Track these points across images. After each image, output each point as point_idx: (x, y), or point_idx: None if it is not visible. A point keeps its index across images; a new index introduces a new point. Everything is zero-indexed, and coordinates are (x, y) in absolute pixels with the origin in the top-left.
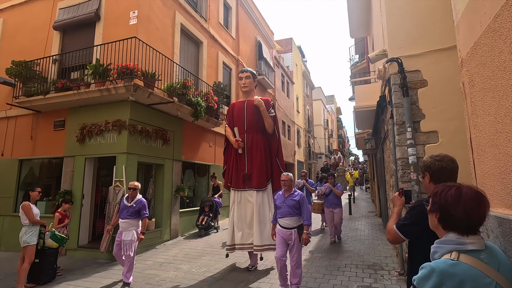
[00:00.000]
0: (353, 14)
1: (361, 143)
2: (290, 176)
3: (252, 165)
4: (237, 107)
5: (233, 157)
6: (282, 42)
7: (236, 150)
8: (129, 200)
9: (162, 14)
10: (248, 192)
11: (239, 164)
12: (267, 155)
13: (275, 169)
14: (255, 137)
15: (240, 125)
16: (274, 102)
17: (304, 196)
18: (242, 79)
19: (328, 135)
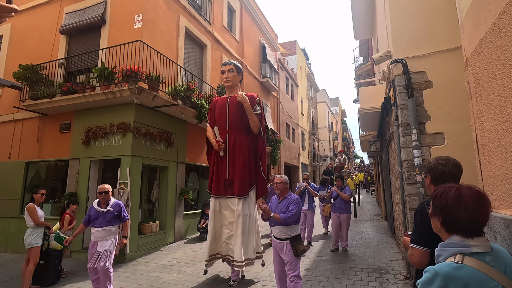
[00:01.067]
0: (357, 16)
1: (366, 145)
2: (284, 178)
3: (234, 169)
4: (219, 104)
5: (214, 160)
6: (286, 44)
7: (217, 153)
8: (102, 205)
9: (166, 18)
10: (229, 200)
11: (220, 168)
12: (251, 158)
13: (259, 174)
14: (238, 137)
15: (222, 124)
16: (279, 104)
17: (297, 199)
18: (224, 72)
19: (333, 137)
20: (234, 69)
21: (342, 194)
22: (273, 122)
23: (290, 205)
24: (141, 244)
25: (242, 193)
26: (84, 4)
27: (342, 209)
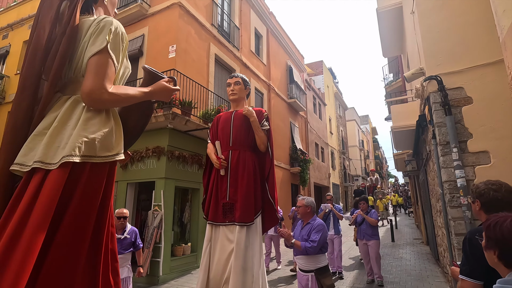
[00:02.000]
0: (385, 34)
1: (400, 164)
2: (305, 201)
3: (236, 191)
4: (222, 118)
5: (213, 180)
6: (312, 65)
7: (217, 172)
8: (119, 231)
9: (198, 47)
10: (228, 227)
11: (220, 189)
12: (257, 179)
13: (266, 198)
14: (242, 154)
15: (225, 139)
16: (307, 123)
17: (320, 225)
18: (230, 85)
19: (364, 156)
20: (241, 81)
21: (368, 219)
22: (301, 142)
23: (312, 233)
24: (174, 266)
25: (245, 220)
26: None
27: (370, 235)
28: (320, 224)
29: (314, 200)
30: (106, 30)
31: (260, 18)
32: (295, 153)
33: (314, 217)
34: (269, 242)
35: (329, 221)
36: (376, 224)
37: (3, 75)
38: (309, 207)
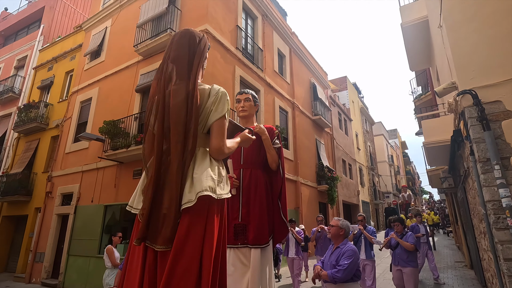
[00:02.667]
0: (411, 48)
1: (435, 181)
2: (342, 222)
3: (248, 211)
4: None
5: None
6: (336, 81)
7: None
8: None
9: (223, 70)
10: (240, 250)
11: (231, 210)
12: (269, 198)
13: (277, 217)
14: (254, 173)
15: (236, 158)
16: (333, 140)
17: (351, 250)
18: (240, 101)
19: (395, 172)
20: (251, 98)
21: (403, 243)
22: (328, 159)
23: (341, 258)
24: None
25: (260, 241)
26: (155, 66)
27: (405, 261)
28: (350, 249)
29: (349, 225)
30: (224, 100)
31: (283, 38)
32: (321, 171)
33: (345, 241)
34: (292, 265)
35: (360, 243)
36: (413, 249)
37: (48, 104)
38: (343, 229)
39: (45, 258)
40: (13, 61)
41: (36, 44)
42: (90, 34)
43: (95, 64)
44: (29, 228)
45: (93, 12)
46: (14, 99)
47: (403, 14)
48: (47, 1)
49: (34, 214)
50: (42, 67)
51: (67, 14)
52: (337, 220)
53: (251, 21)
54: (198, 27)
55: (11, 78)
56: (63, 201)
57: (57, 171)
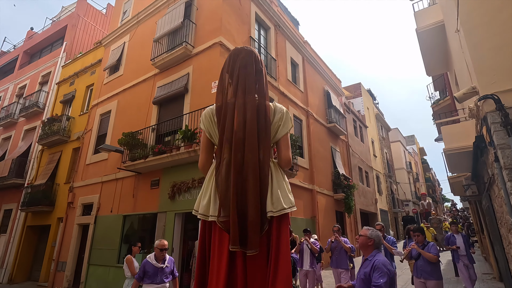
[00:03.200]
0: (427, 53)
1: (457, 188)
2: (372, 232)
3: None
4: None
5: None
6: (350, 88)
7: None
8: (159, 261)
9: None
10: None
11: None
12: None
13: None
14: None
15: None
16: (348, 147)
17: (383, 263)
18: None
19: (413, 179)
20: None
21: (425, 254)
22: (344, 167)
23: (374, 274)
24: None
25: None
26: (171, 78)
27: (428, 274)
28: (382, 263)
29: (380, 235)
30: (288, 117)
31: (296, 47)
32: (338, 179)
33: (375, 253)
34: (305, 279)
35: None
36: (436, 260)
37: (70, 117)
38: (372, 239)
39: (67, 267)
40: (38, 77)
41: (59, 60)
42: (109, 49)
43: (114, 78)
44: (52, 238)
45: (112, 29)
46: (39, 113)
47: (418, 19)
48: (69, 20)
49: (56, 224)
50: (64, 82)
51: (87, 31)
52: (366, 229)
53: (264, 32)
54: (213, 40)
55: (36, 94)
56: (84, 211)
57: (78, 182)
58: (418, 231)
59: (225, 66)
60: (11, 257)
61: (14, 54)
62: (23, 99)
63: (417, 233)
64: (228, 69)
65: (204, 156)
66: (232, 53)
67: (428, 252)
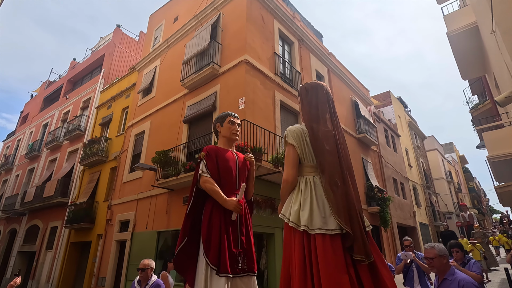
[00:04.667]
0: (461, 56)
1: (507, 198)
2: (439, 248)
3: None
4: (224, 156)
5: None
6: (379, 96)
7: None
8: (142, 283)
9: (263, 96)
10: (242, 279)
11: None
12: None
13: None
14: (245, 201)
15: (230, 181)
16: (381, 158)
17: (468, 280)
18: (234, 124)
19: (455, 189)
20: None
21: (468, 272)
22: (377, 179)
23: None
24: None
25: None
26: (200, 97)
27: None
28: (467, 281)
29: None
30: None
31: (320, 60)
32: (371, 191)
33: (452, 270)
34: None
35: (412, 274)
36: (480, 281)
37: (107, 138)
38: (444, 256)
39: (106, 282)
40: (79, 103)
41: (98, 86)
42: (142, 73)
43: (147, 100)
44: (93, 254)
45: (145, 54)
46: (80, 136)
47: (448, 22)
48: (106, 49)
49: (96, 240)
50: (102, 106)
51: (122, 58)
52: (431, 248)
53: (287, 47)
54: (238, 58)
55: (78, 118)
56: (121, 227)
57: (116, 200)
58: (456, 246)
59: (313, 97)
60: (56, 272)
61: (59, 83)
62: (67, 123)
63: (455, 249)
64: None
65: (293, 171)
66: (315, 86)
67: (470, 270)
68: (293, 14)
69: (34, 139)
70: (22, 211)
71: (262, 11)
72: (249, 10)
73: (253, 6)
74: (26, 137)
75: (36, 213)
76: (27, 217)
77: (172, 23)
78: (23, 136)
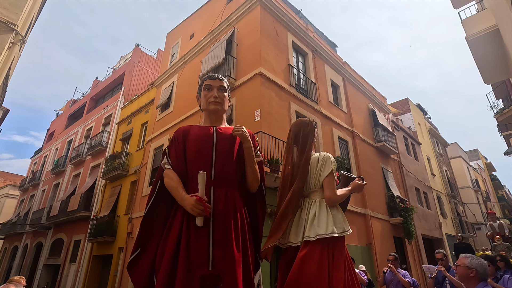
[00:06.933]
0: (482, 60)
1: None
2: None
3: (225, 253)
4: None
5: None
6: (397, 104)
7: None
8: None
9: (279, 107)
10: None
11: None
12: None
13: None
14: (231, 196)
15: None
16: (401, 167)
17: None
18: (211, 89)
19: (483, 198)
20: (227, 89)
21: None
22: (398, 188)
23: None
24: None
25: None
26: None
27: None
28: None
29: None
30: (329, 161)
31: (335, 69)
32: (392, 201)
33: (481, 286)
34: None
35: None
36: None
37: (128, 153)
38: (473, 270)
39: None
40: (101, 119)
41: (118, 103)
42: (161, 89)
43: (165, 115)
44: (114, 267)
45: (162, 70)
46: (102, 151)
47: (467, 27)
48: (126, 67)
49: (117, 253)
50: (123, 122)
51: (142, 75)
52: (465, 257)
53: (301, 58)
54: (253, 71)
55: (100, 134)
56: None
57: (136, 213)
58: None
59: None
60: (79, 285)
61: (82, 101)
62: (90, 139)
63: (500, 260)
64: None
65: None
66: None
67: (506, 287)
68: (306, 26)
69: (59, 155)
70: (48, 225)
71: (276, 24)
72: (263, 24)
73: (267, 20)
74: (52, 154)
75: (61, 227)
76: (52, 230)
77: (188, 40)
78: (49, 152)
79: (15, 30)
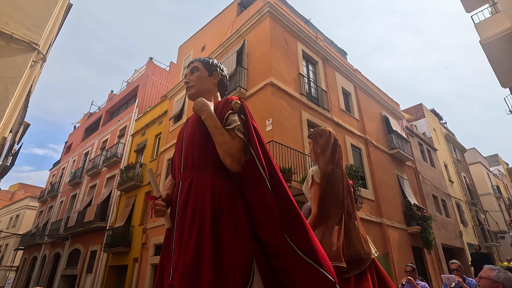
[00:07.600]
0: (498, 63)
1: None
2: (498, 274)
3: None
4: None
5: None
6: (410, 110)
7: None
8: None
9: (290, 116)
10: None
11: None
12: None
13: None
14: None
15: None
16: (417, 174)
17: None
18: (186, 77)
19: (506, 205)
20: (200, 66)
21: None
22: (415, 196)
23: None
24: None
25: None
26: None
27: None
28: None
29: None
30: (309, 176)
31: (346, 77)
32: (409, 210)
33: None
34: None
35: None
36: None
37: (142, 164)
38: (499, 284)
39: None
40: (116, 131)
41: (133, 115)
42: (173, 101)
43: (178, 126)
44: (129, 277)
45: (175, 82)
46: (117, 163)
47: (480, 31)
48: (140, 80)
49: (132, 264)
50: (137, 133)
51: (155, 87)
52: (490, 269)
53: (312, 67)
54: (264, 81)
55: (115, 146)
56: (156, 251)
57: (150, 224)
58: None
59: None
60: None
61: (98, 114)
62: (105, 151)
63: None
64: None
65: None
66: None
67: None
68: (315, 34)
69: (77, 167)
70: (65, 236)
71: (285, 34)
72: (273, 35)
73: (276, 31)
74: (69, 165)
75: (78, 238)
76: (69, 241)
77: (200, 52)
78: (67, 164)
79: (37, 49)
